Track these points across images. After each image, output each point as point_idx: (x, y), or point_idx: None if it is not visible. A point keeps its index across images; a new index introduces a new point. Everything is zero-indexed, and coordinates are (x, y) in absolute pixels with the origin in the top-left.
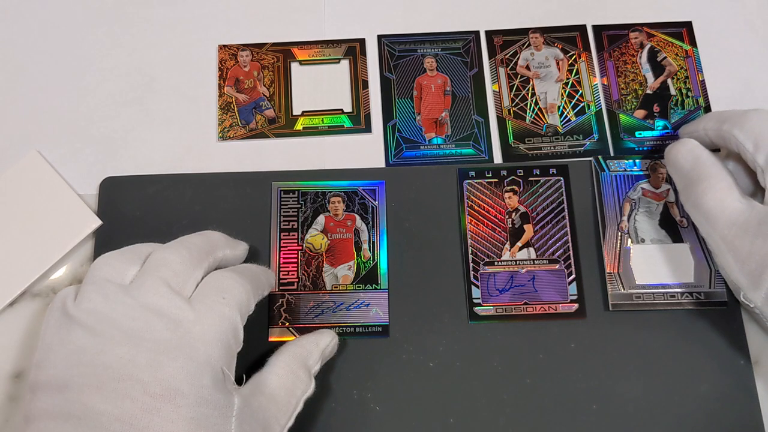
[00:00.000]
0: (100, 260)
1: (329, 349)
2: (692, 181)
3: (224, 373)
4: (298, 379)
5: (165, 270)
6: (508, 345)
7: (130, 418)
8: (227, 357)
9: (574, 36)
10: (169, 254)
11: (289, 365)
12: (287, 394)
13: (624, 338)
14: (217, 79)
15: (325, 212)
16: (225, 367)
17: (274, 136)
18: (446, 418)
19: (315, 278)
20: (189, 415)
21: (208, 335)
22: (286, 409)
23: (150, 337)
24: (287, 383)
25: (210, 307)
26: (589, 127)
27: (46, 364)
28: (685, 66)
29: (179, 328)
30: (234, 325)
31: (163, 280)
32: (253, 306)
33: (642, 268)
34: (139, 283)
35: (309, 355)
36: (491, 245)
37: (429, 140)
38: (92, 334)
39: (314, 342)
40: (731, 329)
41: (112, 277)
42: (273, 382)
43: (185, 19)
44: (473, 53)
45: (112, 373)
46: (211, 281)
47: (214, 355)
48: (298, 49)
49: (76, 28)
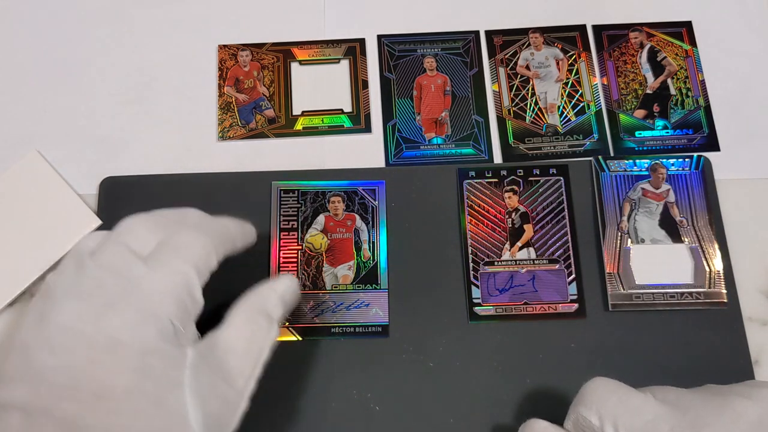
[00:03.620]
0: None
1: (289, 294)
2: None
3: (174, 326)
4: (258, 326)
5: (127, 235)
6: (508, 345)
7: (76, 370)
8: (179, 311)
9: (574, 36)
10: (136, 223)
11: (245, 314)
12: (247, 344)
13: (624, 338)
14: (217, 79)
15: (325, 212)
16: (177, 321)
17: (274, 136)
18: (446, 418)
19: (315, 278)
20: (133, 365)
21: (157, 289)
22: (248, 358)
23: (99, 293)
24: (245, 333)
25: (163, 262)
26: (589, 127)
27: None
28: (685, 66)
29: (129, 283)
30: (187, 280)
31: (124, 244)
32: (215, 261)
33: (642, 268)
34: (102, 249)
35: (266, 300)
36: (491, 245)
37: (429, 140)
38: (50, 299)
39: (270, 287)
40: (731, 329)
41: (85, 248)
42: (230, 333)
43: (185, 19)
44: (473, 53)
45: (59, 329)
46: (169, 239)
47: (162, 308)
48: (298, 49)
49: (77, 28)
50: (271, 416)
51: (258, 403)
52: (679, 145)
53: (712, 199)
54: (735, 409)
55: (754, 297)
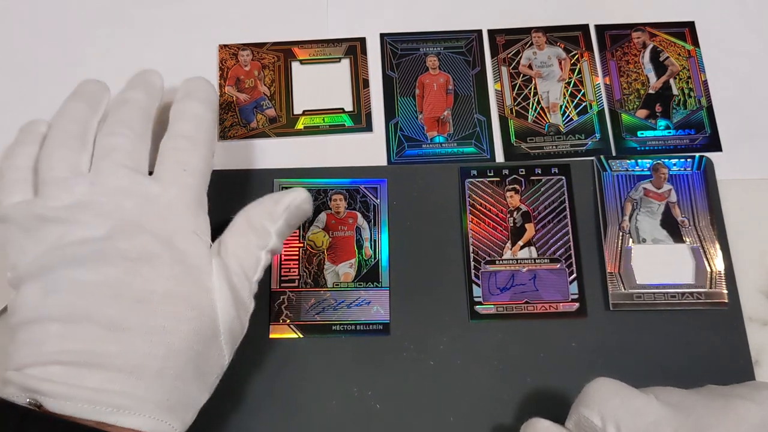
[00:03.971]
0: (46, 159)
1: (294, 207)
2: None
3: (197, 234)
4: (254, 236)
5: (116, 154)
6: (509, 344)
7: (114, 281)
8: (197, 222)
9: (577, 35)
10: (118, 139)
11: (244, 222)
12: (244, 251)
13: (624, 338)
14: (218, 79)
15: (327, 210)
16: (196, 231)
17: (275, 136)
18: (446, 417)
19: (316, 276)
20: (167, 273)
21: (175, 204)
22: (246, 265)
23: (121, 215)
24: (242, 241)
25: (174, 179)
26: (591, 127)
27: (23, 260)
28: (688, 66)
29: (147, 201)
30: (198, 191)
31: (119, 163)
32: (211, 161)
33: (643, 268)
34: (97, 171)
35: (265, 210)
36: (492, 244)
37: (431, 139)
38: (65, 224)
39: (274, 198)
40: (731, 329)
41: (68, 174)
42: (230, 240)
43: (185, 19)
44: (476, 52)
45: (90, 248)
46: (170, 154)
47: (182, 220)
48: (299, 49)
49: (77, 28)
50: (272, 413)
51: (259, 400)
52: (681, 145)
53: (713, 199)
54: (738, 411)
55: (754, 297)
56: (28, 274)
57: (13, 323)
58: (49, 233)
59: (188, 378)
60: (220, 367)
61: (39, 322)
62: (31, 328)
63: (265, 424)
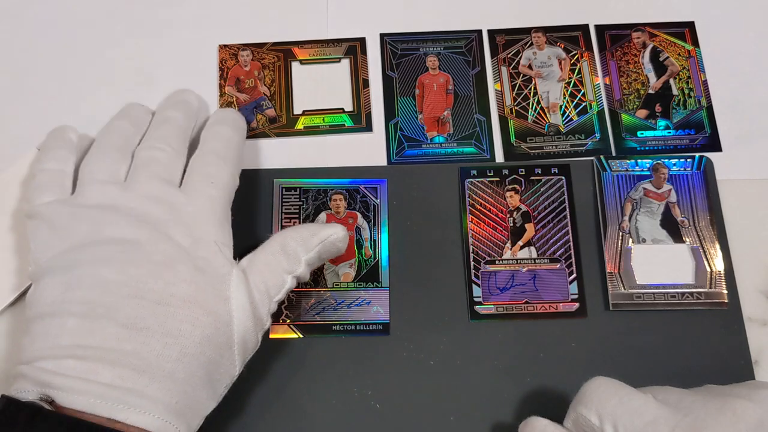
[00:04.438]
0: (88, 165)
1: (330, 241)
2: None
3: (218, 245)
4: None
5: (155, 166)
6: (509, 344)
7: (137, 281)
8: (220, 233)
9: (577, 35)
10: (156, 153)
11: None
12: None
13: (624, 338)
14: (218, 79)
15: (327, 210)
16: (218, 242)
17: (276, 136)
18: (446, 416)
19: (316, 276)
20: (188, 278)
21: (200, 214)
22: (273, 283)
23: (149, 219)
24: (271, 262)
25: (201, 191)
26: (591, 127)
27: (46, 254)
28: (688, 66)
29: (174, 209)
30: (223, 204)
31: (155, 174)
32: (237, 179)
33: (643, 268)
34: (134, 179)
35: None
36: (492, 244)
37: (431, 139)
38: (95, 223)
39: (311, 229)
40: (731, 329)
41: (107, 179)
42: (259, 258)
43: (185, 19)
44: (476, 52)
45: (117, 248)
46: (199, 168)
47: (206, 230)
48: (299, 49)
49: (77, 28)
50: (272, 413)
51: (259, 400)
52: (681, 146)
53: (713, 199)
54: (735, 410)
55: (754, 297)
56: (51, 268)
57: (30, 316)
58: (78, 230)
59: (198, 383)
60: (230, 377)
61: (57, 315)
62: (49, 322)
63: (265, 424)
